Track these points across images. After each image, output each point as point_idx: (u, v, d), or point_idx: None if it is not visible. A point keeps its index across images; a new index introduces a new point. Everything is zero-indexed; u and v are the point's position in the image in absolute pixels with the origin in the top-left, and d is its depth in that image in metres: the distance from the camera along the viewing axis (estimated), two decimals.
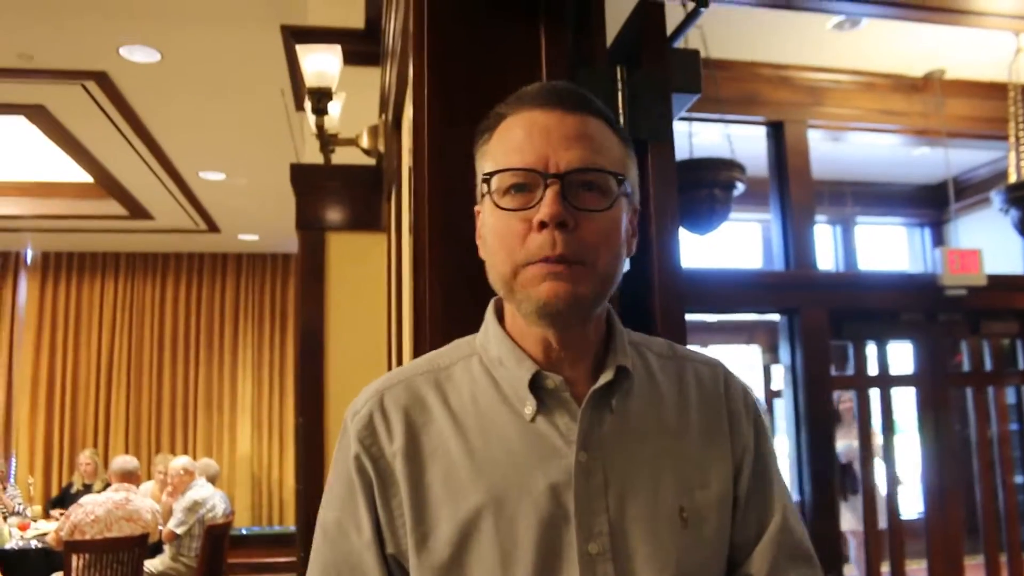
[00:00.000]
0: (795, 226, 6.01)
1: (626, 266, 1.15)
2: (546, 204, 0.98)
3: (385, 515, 1.04)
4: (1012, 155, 5.53)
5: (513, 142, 1.02)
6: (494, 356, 1.09)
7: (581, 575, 0.98)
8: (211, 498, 7.00)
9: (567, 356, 1.07)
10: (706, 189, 4.45)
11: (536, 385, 1.05)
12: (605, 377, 1.05)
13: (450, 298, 1.49)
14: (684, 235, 4.93)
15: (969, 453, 6.82)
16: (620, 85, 1.60)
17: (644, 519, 1.02)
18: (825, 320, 5.95)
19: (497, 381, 1.07)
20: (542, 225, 0.98)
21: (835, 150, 7.18)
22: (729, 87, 5.96)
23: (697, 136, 6.15)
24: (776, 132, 6.18)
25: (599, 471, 1.02)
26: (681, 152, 5.12)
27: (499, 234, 1.02)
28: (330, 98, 2.89)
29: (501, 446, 1.03)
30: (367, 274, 3.73)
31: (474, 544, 1.00)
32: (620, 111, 1.60)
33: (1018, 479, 6.98)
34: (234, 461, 10.85)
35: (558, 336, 1.05)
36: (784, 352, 5.93)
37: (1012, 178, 5.35)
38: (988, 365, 6.84)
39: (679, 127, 5.94)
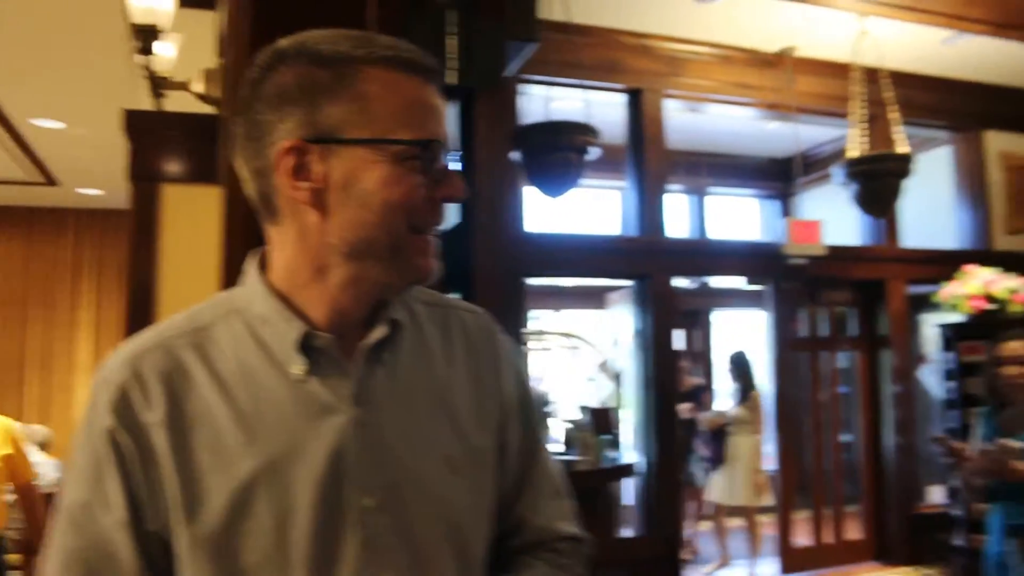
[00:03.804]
0: (649, 194, 6.11)
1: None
2: (456, 183, 1.03)
3: (146, 490, 0.98)
4: (852, 132, 5.76)
5: (411, 108, 1.01)
6: (259, 314, 1.04)
7: (358, 530, 0.99)
8: (39, 466, 6.63)
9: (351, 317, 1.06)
10: (560, 152, 4.44)
11: (305, 344, 1.02)
12: (378, 333, 1.05)
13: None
14: (541, 198, 4.96)
15: (801, 415, 7.16)
16: (453, 29, 1.53)
17: (417, 471, 1.03)
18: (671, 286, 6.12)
19: (263, 341, 1.03)
20: (444, 200, 1.02)
21: (692, 121, 7.32)
22: (590, 53, 5.97)
23: (560, 101, 6.14)
24: (634, 100, 6.25)
25: (372, 426, 1.02)
26: (540, 117, 5.11)
27: (395, 199, 0.99)
28: (156, 36, 2.70)
29: (271, 408, 1.00)
30: (207, 228, 3.55)
31: (248, 511, 0.97)
32: (450, 56, 1.53)
33: (846, 438, 7.34)
34: (71, 425, 10.34)
35: (370, 302, 1.05)
36: (635, 317, 6.05)
37: (851, 154, 5.56)
38: (825, 331, 7.19)
39: (538, 91, 5.96)
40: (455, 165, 0.92)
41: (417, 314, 1.14)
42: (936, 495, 7.25)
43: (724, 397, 6.99)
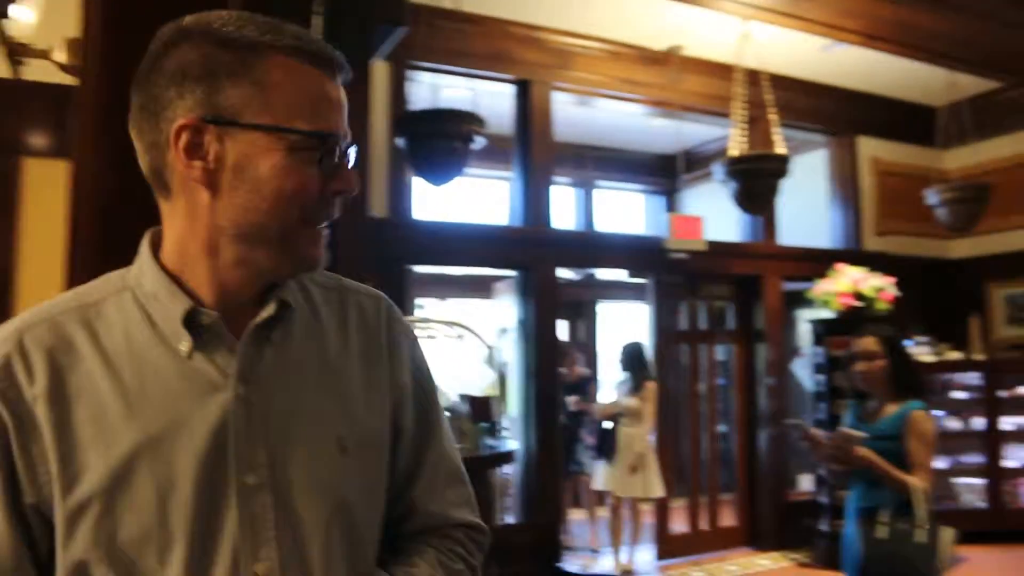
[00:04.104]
0: (535, 185, 6.16)
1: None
2: (350, 178, 1.05)
3: (24, 462, 0.97)
4: (734, 132, 5.93)
5: (312, 100, 1.02)
6: (149, 291, 1.05)
7: (239, 507, 0.99)
8: None
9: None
10: (444, 140, 4.43)
11: (192, 321, 1.02)
12: (267, 312, 1.05)
13: (113, 226, 1.36)
14: (426, 187, 4.94)
15: (678, 405, 7.32)
16: (319, 9, 1.51)
17: (303, 449, 1.04)
18: (555, 277, 6.19)
19: (152, 318, 1.04)
20: (337, 194, 1.04)
21: (580, 114, 7.42)
22: (480, 42, 5.99)
23: (449, 89, 6.13)
24: (522, 91, 6.29)
25: (258, 404, 1.02)
26: (426, 104, 5.10)
27: (287, 189, 1.00)
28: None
29: (157, 384, 1.01)
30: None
31: (128, 484, 0.97)
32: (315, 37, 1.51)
33: (721, 428, 7.57)
34: None
35: (259, 284, 1.06)
36: (519, 307, 6.09)
37: (732, 153, 5.72)
38: (704, 324, 7.40)
39: (425, 79, 5.94)
40: (353, 159, 0.94)
41: (312, 296, 1.15)
42: (806, 483, 7.56)
43: (610, 388, 7.04)
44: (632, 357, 6.60)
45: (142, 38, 1.05)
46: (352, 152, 1.07)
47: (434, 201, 6.83)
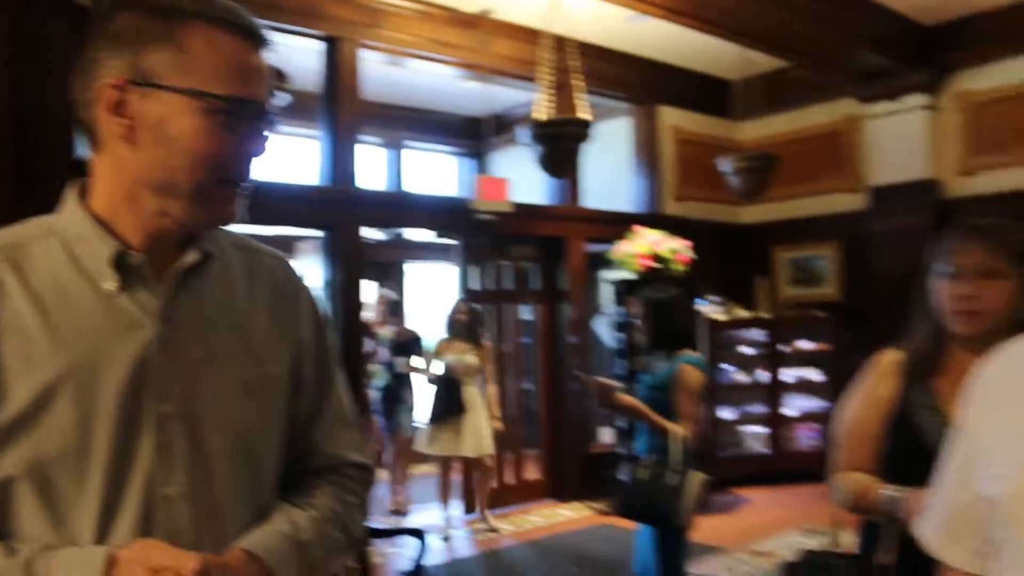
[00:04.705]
0: (342, 143, 6.08)
1: None
2: (262, 142, 1.15)
3: None
4: (540, 96, 6.04)
5: (231, 67, 1.10)
6: (76, 234, 1.14)
7: (155, 433, 1.10)
8: None
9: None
10: None
11: (120, 263, 1.12)
12: (190, 258, 1.17)
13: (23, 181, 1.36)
14: None
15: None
16: None
17: (213, 387, 1.16)
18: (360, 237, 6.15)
19: (78, 258, 1.13)
20: (249, 155, 1.14)
21: (390, 74, 7.37)
22: None
23: None
24: (331, 48, 6.17)
25: (174, 342, 1.13)
26: None
27: (200, 149, 1.09)
28: None
29: (82, 320, 1.10)
30: None
31: (51, 407, 1.06)
32: None
33: (527, 386, 7.77)
34: None
35: (179, 233, 1.16)
36: (324, 268, 6.03)
37: (537, 117, 5.82)
38: (510, 285, 7.55)
39: None
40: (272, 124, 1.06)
41: (226, 252, 1.26)
42: (606, 436, 7.91)
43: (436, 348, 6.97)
44: (470, 316, 6.60)
45: None
46: (268, 117, 1.15)
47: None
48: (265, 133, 1.16)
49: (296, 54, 5.73)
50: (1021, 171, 6.89)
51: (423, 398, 6.87)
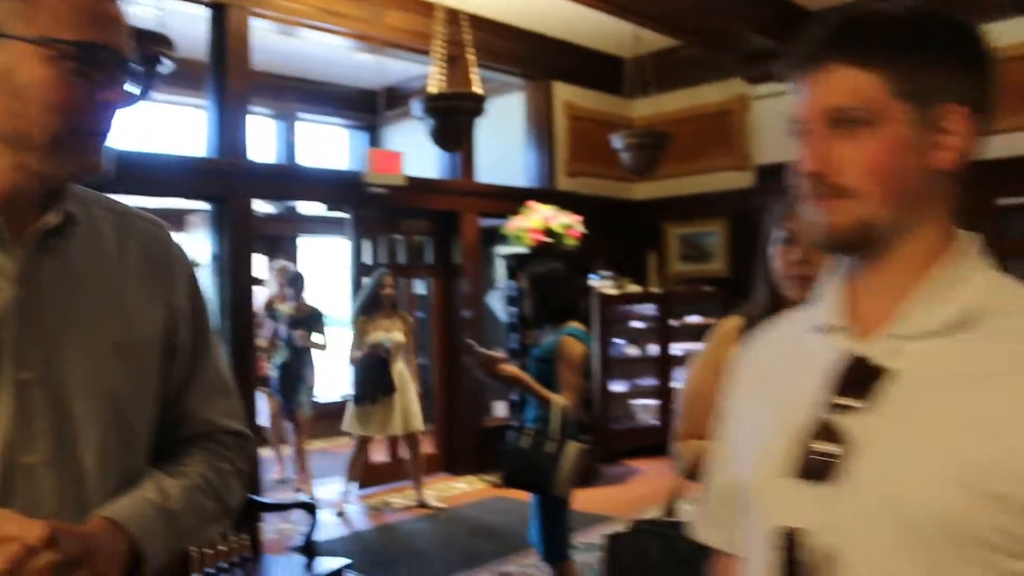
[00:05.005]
0: (230, 114, 5.92)
1: None
2: (119, 90, 1.09)
3: None
4: (433, 70, 6.00)
5: (81, 13, 1.05)
6: None
7: (14, 399, 1.06)
8: None
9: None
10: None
11: None
12: (50, 219, 1.12)
13: None
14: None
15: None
16: None
17: (78, 351, 1.12)
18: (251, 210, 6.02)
19: None
20: (107, 104, 1.09)
21: (282, 44, 7.20)
22: None
23: (134, 7, 5.70)
24: (218, 15, 5.99)
25: (34, 305, 1.09)
26: None
27: (51, 98, 1.05)
28: None
29: None
30: None
31: None
32: None
33: (421, 360, 7.76)
34: None
35: (37, 189, 1.11)
36: (213, 241, 5.89)
37: (430, 90, 5.79)
38: (403, 259, 7.53)
39: None
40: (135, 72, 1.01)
41: (95, 215, 1.21)
42: (500, 409, 7.98)
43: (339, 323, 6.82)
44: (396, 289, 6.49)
45: None
46: (126, 65, 1.11)
47: (119, 127, 6.36)
48: (128, 83, 1.11)
49: (182, 20, 5.57)
50: None
51: (324, 376, 6.75)
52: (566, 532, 3.61)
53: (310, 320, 6.87)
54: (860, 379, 0.92)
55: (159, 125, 7.82)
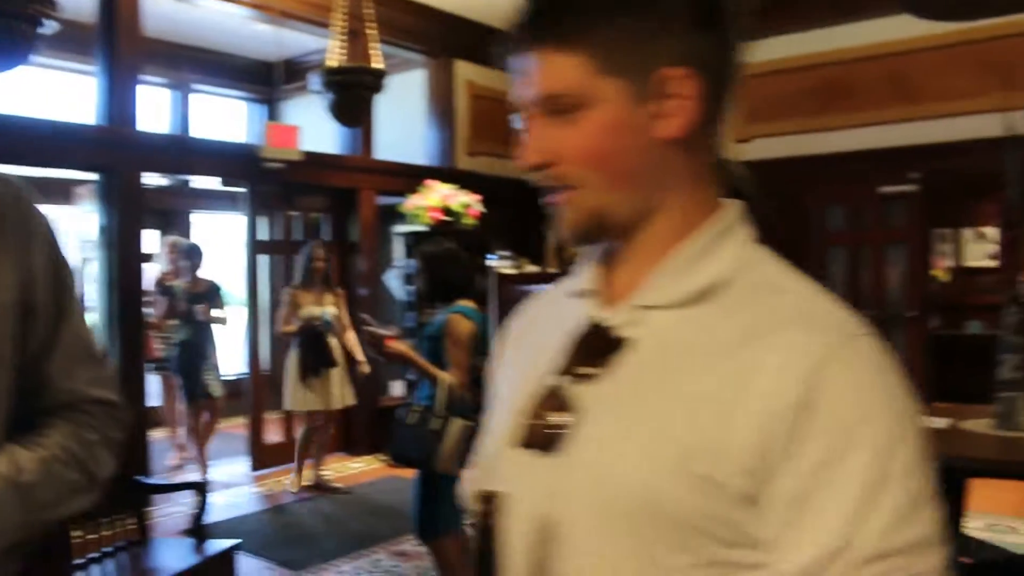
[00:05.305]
0: (120, 82, 5.72)
1: None
2: None
3: None
4: (332, 43, 5.92)
5: None
6: None
7: None
8: None
9: None
10: (3, 19, 3.95)
11: None
12: None
13: None
14: None
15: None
16: None
17: None
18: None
19: None
20: None
21: (176, 10, 6.97)
22: None
23: None
24: None
25: None
26: None
27: None
28: None
29: None
30: None
31: None
32: None
33: None
34: None
35: None
36: (100, 214, 5.70)
37: (329, 64, 5.71)
38: (299, 235, 7.42)
39: None
40: None
41: None
42: (397, 389, 7.97)
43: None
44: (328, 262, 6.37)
45: None
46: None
47: None
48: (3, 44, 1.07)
49: None
50: (791, 139, 7.43)
51: (226, 352, 6.58)
52: (450, 510, 3.60)
53: (209, 294, 6.66)
54: (598, 347, 0.89)
55: (44, 91, 7.50)
